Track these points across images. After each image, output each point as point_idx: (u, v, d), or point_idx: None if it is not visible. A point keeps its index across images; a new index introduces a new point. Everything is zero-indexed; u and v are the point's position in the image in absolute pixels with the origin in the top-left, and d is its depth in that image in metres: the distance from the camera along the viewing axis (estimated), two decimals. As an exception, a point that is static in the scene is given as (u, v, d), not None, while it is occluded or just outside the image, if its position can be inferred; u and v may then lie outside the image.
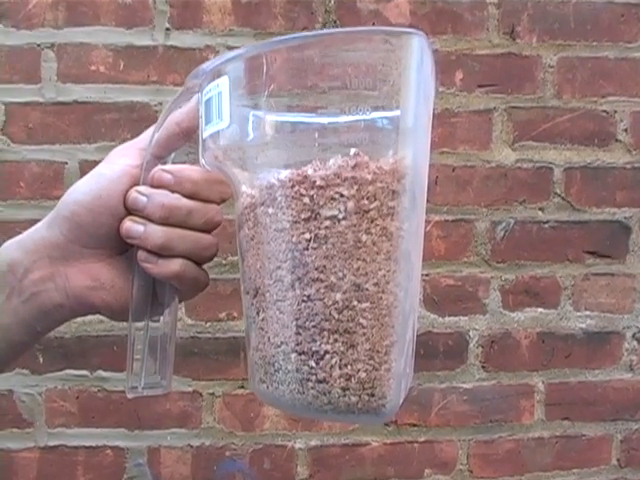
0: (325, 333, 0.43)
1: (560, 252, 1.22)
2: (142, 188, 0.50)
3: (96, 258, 0.51)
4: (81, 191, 0.50)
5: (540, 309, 1.22)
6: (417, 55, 0.43)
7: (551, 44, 1.21)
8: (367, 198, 0.42)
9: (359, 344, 0.42)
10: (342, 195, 0.42)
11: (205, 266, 0.52)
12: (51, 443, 1.18)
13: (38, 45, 1.13)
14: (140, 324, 0.53)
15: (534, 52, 1.21)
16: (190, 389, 1.18)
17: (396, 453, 1.21)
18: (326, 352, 0.43)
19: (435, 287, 1.20)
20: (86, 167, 1.15)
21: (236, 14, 1.16)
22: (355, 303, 0.42)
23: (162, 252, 0.50)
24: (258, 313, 0.46)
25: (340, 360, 0.42)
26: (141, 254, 0.50)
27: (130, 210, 0.50)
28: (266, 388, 0.46)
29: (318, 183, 0.43)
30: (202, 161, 0.49)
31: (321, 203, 0.42)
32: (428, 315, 1.20)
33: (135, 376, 0.53)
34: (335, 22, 1.17)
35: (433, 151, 1.14)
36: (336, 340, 0.42)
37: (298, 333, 0.43)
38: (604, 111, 1.22)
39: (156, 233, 0.49)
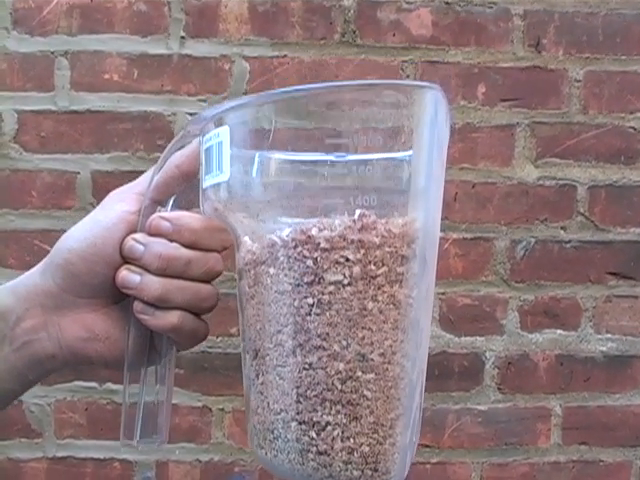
0: (327, 403, 0.40)
1: (582, 273, 1.18)
2: (139, 236, 0.48)
3: (90, 308, 0.49)
4: (75, 238, 0.48)
5: (559, 331, 1.19)
6: (431, 111, 0.40)
7: (578, 57, 1.17)
8: (374, 263, 0.40)
9: (363, 417, 0.40)
10: (348, 259, 0.40)
11: (216, 281, 0.50)
12: (59, 454, 1.17)
13: (52, 52, 1.12)
14: (135, 386, 0.51)
15: (560, 65, 1.17)
16: (200, 404, 1.17)
17: (408, 474, 1.18)
18: (328, 423, 0.40)
19: (452, 306, 1.17)
20: (98, 177, 1.13)
21: (252, 23, 1.13)
22: (359, 374, 0.40)
23: (159, 304, 0.48)
24: (257, 376, 0.44)
25: (342, 432, 0.40)
26: (137, 305, 0.48)
27: (126, 259, 0.48)
28: (265, 454, 0.44)
29: (322, 245, 0.40)
30: (202, 208, 0.47)
31: (325, 267, 0.40)
32: (444, 335, 1.17)
33: (129, 431, 0.50)
34: (354, 32, 1.14)
35: (453, 167, 1.12)
36: (338, 411, 0.40)
37: (299, 402, 0.41)
38: (632, 127, 1.18)
39: (153, 284, 0.47)
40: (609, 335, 1.20)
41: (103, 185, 1.13)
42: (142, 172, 0.51)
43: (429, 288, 0.42)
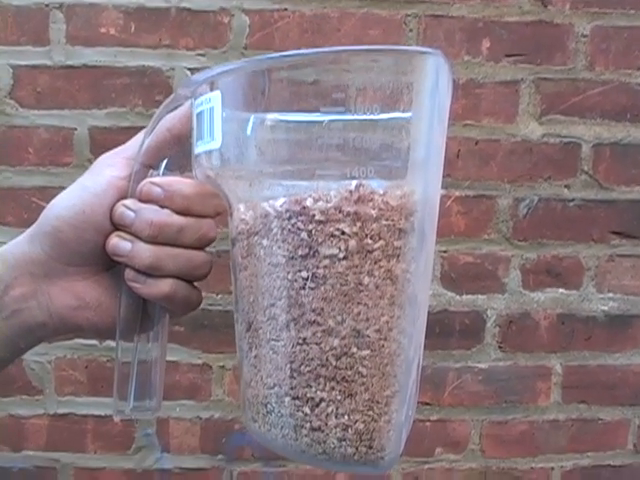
0: (321, 380, 0.39)
1: (585, 232, 1.16)
2: (130, 202, 0.46)
3: (80, 276, 0.48)
4: (63, 205, 0.46)
5: (561, 290, 1.18)
6: (431, 78, 0.38)
7: (585, 12, 1.13)
8: (371, 237, 0.38)
9: (357, 394, 0.39)
10: (343, 232, 0.38)
11: (216, 237, 0.49)
12: (60, 411, 1.17)
13: (46, 5, 1.08)
14: (128, 345, 0.50)
15: (566, 20, 1.14)
16: (200, 361, 1.16)
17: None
18: (322, 400, 0.39)
19: (453, 264, 1.16)
20: (96, 133, 1.11)
21: (253, -25, 1.10)
22: (354, 350, 0.39)
23: (151, 272, 0.46)
24: (251, 349, 0.43)
25: (337, 409, 0.39)
26: (129, 273, 0.47)
27: (117, 226, 0.47)
28: (258, 428, 0.43)
29: (317, 217, 0.39)
30: (195, 174, 0.45)
31: (320, 240, 0.39)
32: (445, 293, 1.16)
33: (122, 399, 0.49)
34: (357, -15, 1.10)
35: (456, 123, 1.09)
36: (333, 388, 0.39)
37: (292, 377, 0.40)
38: (639, 84, 1.15)
39: (144, 252, 0.46)
40: (611, 294, 1.18)
41: (101, 141, 1.11)
42: (140, 128, 0.49)
43: (427, 262, 0.41)
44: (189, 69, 1.10)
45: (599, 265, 1.18)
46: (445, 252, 1.15)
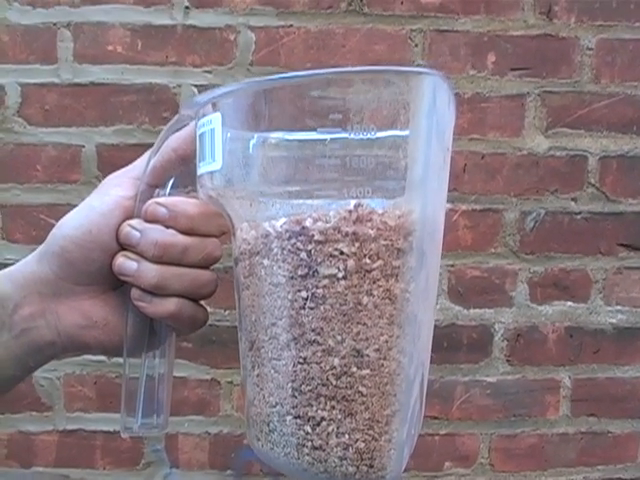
0: (322, 399, 0.39)
1: (592, 244, 1.16)
2: (135, 222, 0.47)
3: (88, 295, 0.49)
4: (71, 225, 0.47)
5: (569, 303, 1.17)
6: (428, 98, 0.39)
7: (590, 25, 1.14)
8: (369, 257, 0.39)
9: (358, 413, 0.39)
10: (342, 252, 0.39)
11: (223, 254, 0.50)
12: (70, 427, 1.17)
13: (54, 24, 1.10)
14: (136, 361, 0.50)
15: (572, 33, 1.14)
16: (208, 377, 1.17)
17: (416, 445, 1.18)
18: (322, 419, 0.40)
19: (460, 278, 1.16)
20: (103, 151, 1.12)
21: (258, -8, 1.11)
22: (354, 370, 0.39)
23: (156, 291, 0.47)
24: (254, 367, 0.43)
25: (337, 428, 0.39)
26: (135, 292, 0.47)
27: (123, 245, 0.47)
28: (261, 446, 0.43)
29: (316, 237, 0.39)
30: (199, 194, 0.46)
31: (319, 260, 0.39)
32: (452, 307, 1.16)
33: (130, 416, 0.50)
34: (361, 0, 1.11)
35: (462, 137, 1.09)
36: (333, 407, 0.39)
37: (294, 396, 0.40)
38: (644, 97, 1.15)
39: (150, 272, 0.46)
40: (619, 307, 1.18)
41: (108, 158, 1.11)
42: (147, 145, 0.50)
43: (428, 281, 0.41)
44: (195, 86, 1.11)
45: (607, 278, 1.17)
46: (452, 266, 1.15)
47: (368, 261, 0.38)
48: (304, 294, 0.39)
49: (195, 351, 1.15)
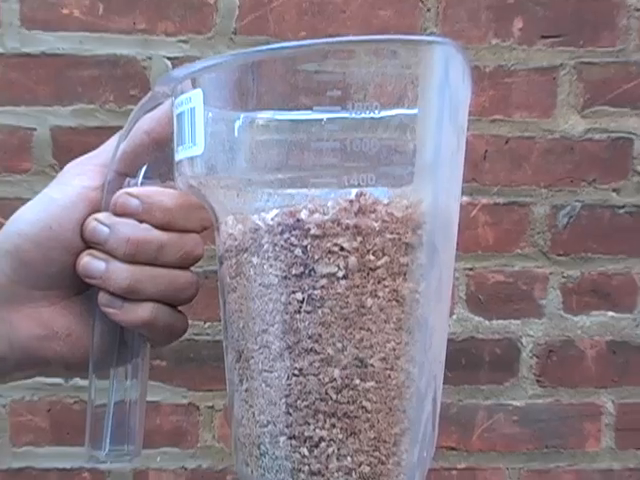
0: (320, 416, 0.41)
1: (638, 244, 1.18)
2: (103, 216, 0.49)
3: (47, 301, 0.50)
4: (27, 220, 0.48)
5: (611, 313, 1.19)
6: (440, 71, 0.41)
7: (636, -17, 1.15)
8: (373, 253, 0.41)
9: (362, 432, 0.41)
10: (342, 248, 0.41)
11: (203, 256, 0.51)
12: (16, 465, 1.17)
13: (-1, -16, 1.11)
14: (103, 381, 0.52)
15: (614, -8, 1.15)
16: (185, 401, 1.18)
17: (430, 482, 1.20)
18: (321, 439, 0.41)
19: (481, 284, 1.18)
20: (59, 135, 1.13)
21: (242, -53, 1.13)
22: (357, 382, 0.41)
23: (128, 295, 0.48)
24: (242, 381, 0.45)
25: (338, 449, 0.41)
26: (103, 297, 0.49)
27: (89, 243, 0.49)
28: (250, 473, 0.45)
29: (313, 231, 0.41)
30: (176, 183, 0.48)
31: (316, 257, 0.41)
32: (472, 318, 1.18)
33: (96, 442, 0.51)
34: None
35: (483, 118, 1.11)
36: (333, 425, 0.41)
37: (288, 413, 0.42)
38: (699, 69, 1.16)
39: (120, 273, 0.48)
40: (670, 317, 1.20)
41: (65, 144, 1.13)
42: (112, 128, 0.51)
43: (441, 281, 0.43)
44: (169, 58, 1.13)
45: (655, 283, 1.20)
46: (471, 270, 1.17)
47: (372, 258, 0.40)
48: (299, 296, 0.41)
49: (169, 370, 1.16)
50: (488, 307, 1.19)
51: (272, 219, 0.42)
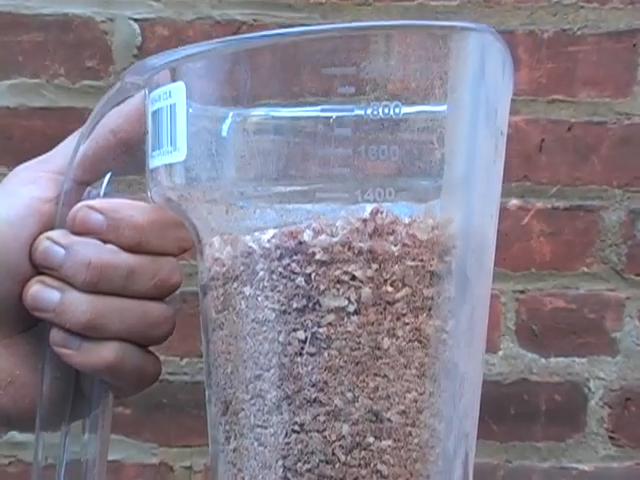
0: (326, 482, 0.43)
1: None
2: (58, 234, 0.50)
3: None
4: None
5: None
6: (474, 62, 0.43)
7: None
8: (391, 283, 0.43)
9: (377, 502, 0.42)
10: (354, 277, 0.43)
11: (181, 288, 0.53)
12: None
13: None
14: (53, 438, 0.53)
15: None
16: (155, 460, 1.19)
17: None
18: (327, 511, 0.43)
19: (535, 311, 1.19)
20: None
21: None
22: (371, 440, 0.43)
23: (88, 332, 0.50)
24: (228, 440, 0.47)
25: (349, 525, 0.43)
26: (56, 335, 0.50)
27: (39, 267, 0.50)
28: None
29: (318, 257, 0.43)
30: (150, 195, 0.50)
31: (322, 288, 0.43)
32: (523, 354, 1.20)
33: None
34: None
35: (539, 99, 1.13)
36: (342, 494, 0.43)
37: (286, 478, 0.43)
38: None
39: (79, 305, 0.49)
40: None
41: (2, 129, 1.10)
42: (63, 110, 0.51)
43: (474, 318, 0.45)
44: (136, 20, 1.14)
45: None
46: (522, 293, 1.19)
47: (390, 289, 0.43)
48: (301, 335, 0.43)
49: (136, 420, 1.18)
50: (544, 341, 1.20)
51: (268, 241, 0.44)
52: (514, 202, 1.12)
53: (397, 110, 0.42)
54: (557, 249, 1.19)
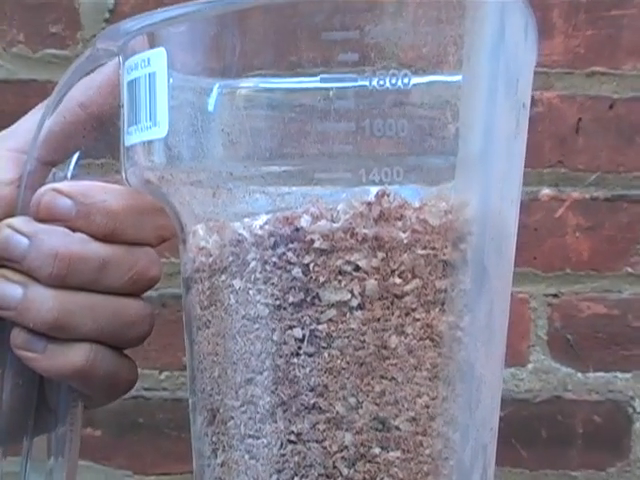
0: (326, 499, 0.44)
1: None
2: (20, 222, 0.52)
3: None
4: None
5: None
6: (492, 26, 0.45)
7: None
8: (400, 274, 0.44)
9: (383, 521, 0.44)
10: (357, 268, 0.44)
11: (158, 284, 0.54)
12: None
13: None
14: (13, 458, 0.54)
15: None
16: (129, 489, 1.20)
17: None
18: (328, 533, 0.44)
19: (571, 318, 1.20)
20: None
21: None
22: (377, 451, 0.44)
23: (55, 333, 0.51)
24: (216, 452, 0.48)
25: None
26: (18, 336, 0.52)
27: None
28: None
29: (317, 245, 0.44)
30: (125, 177, 0.51)
31: (322, 279, 0.44)
32: (557, 368, 1.21)
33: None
34: None
35: (575, 71, 1.14)
36: (345, 512, 0.44)
37: (282, 495, 0.44)
38: None
39: (45, 302, 0.50)
40: None
41: None
42: (23, 83, 0.52)
43: (493, 313, 0.46)
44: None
45: None
46: (555, 297, 1.20)
47: (398, 281, 0.44)
48: (298, 333, 0.44)
49: (108, 444, 1.18)
50: (582, 353, 1.21)
51: (261, 227, 0.45)
52: (546, 192, 1.12)
53: (406, 80, 0.43)
54: (596, 246, 1.20)
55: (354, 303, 0.44)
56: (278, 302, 0.45)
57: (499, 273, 0.47)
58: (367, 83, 0.43)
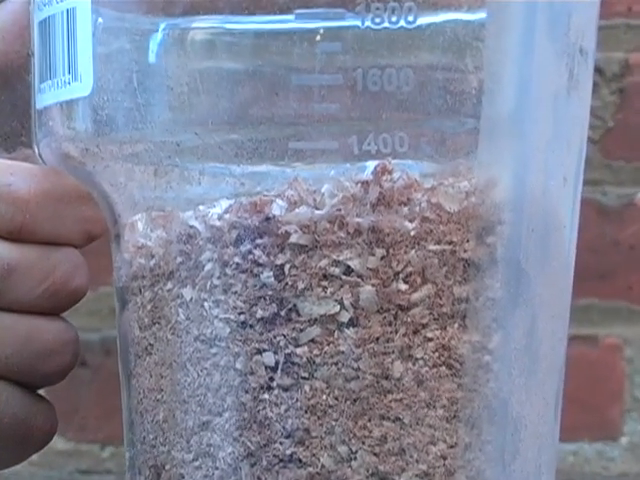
0: None
1: None
2: None
3: None
4: None
5: None
6: None
7: None
8: (405, 279, 0.46)
9: None
10: (349, 269, 0.46)
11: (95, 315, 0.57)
12: None
13: None
14: None
15: None
16: None
17: None
18: None
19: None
20: None
21: None
22: None
23: None
24: None
25: None
26: None
27: None
28: None
29: (295, 239, 0.46)
30: (38, 151, 0.54)
31: (301, 286, 0.46)
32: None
33: None
34: None
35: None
36: None
37: None
38: None
39: None
40: None
41: None
42: None
43: (535, 332, 0.48)
44: None
45: None
46: None
47: (403, 287, 0.46)
48: (270, 359, 0.46)
49: None
50: None
51: (220, 217, 0.48)
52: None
53: (411, 17, 0.45)
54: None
55: (344, 318, 0.45)
56: (243, 318, 0.47)
57: (545, 278, 0.48)
58: (359, 22, 0.45)
